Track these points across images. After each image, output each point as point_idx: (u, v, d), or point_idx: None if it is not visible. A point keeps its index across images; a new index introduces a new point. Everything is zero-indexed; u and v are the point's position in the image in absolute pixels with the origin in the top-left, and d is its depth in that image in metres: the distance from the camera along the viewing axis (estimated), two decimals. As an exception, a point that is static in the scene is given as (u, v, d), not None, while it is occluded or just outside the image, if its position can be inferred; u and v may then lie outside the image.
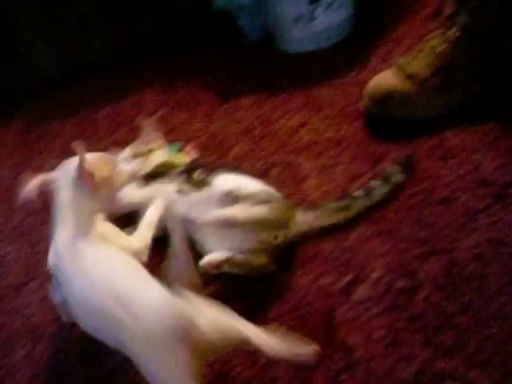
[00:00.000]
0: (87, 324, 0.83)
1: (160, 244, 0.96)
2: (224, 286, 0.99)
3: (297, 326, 0.88)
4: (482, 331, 0.79)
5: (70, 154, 1.54)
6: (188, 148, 1.21)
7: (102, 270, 0.80)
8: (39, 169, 1.55)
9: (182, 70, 1.75)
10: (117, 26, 1.90)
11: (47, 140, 1.70)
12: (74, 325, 1.02)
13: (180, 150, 1.20)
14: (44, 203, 1.39)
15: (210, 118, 1.45)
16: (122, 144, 1.49)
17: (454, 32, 1.13)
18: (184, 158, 1.16)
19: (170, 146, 1.19)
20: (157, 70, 1.80)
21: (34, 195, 0.95)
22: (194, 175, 1.06)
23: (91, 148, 1.53)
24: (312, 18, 1.52)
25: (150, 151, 1.10)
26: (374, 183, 1.03)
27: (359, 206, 1.01)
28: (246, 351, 0.86)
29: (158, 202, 0.99)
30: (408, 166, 1.06)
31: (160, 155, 1.12)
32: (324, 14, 1.52)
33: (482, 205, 0.96)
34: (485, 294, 0.83)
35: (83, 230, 0.87)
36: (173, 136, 1.44)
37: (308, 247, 1.00)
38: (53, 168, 1.52)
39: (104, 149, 1.50)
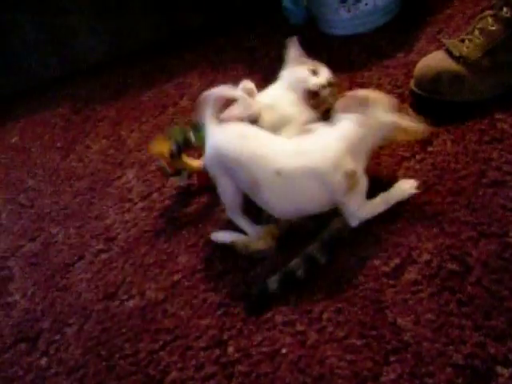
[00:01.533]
0: None
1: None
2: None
3: (344, 307, 0.88)
4: (534, 316, 0.78)
5: (114, 136, 1.59)
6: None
7: None
8: (85, 151, 1.60)
9: (226, 53, 1.75)
10: (161, 9, 1.91)
11: (92, 123, 1.73)
12: (121, 303, 1.06)
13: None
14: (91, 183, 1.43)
15: (255, 101, 1.45)
16: (165, 128, 1.51)
17: (505, 12, 1.10)
18: None
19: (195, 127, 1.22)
20: (201, 53, 1.81)
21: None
22: None
23: (136, 132, 1.57)
24: (358, 0, 1.50)
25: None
26: (295, 263, 0.95)
27: None
28: (295, 331, 0.87)
29: None
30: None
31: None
32: (370, -5, 1.50)
33: (534, 188, 0.94)
34: (537, 279, 0.81)
35: None
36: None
37: (355, 230, 0.99)
38: (100, 150, 1.56)
39: (149, 132, 1.54)
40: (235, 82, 1.57)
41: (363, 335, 0.84)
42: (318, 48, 1.57)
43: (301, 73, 1.13)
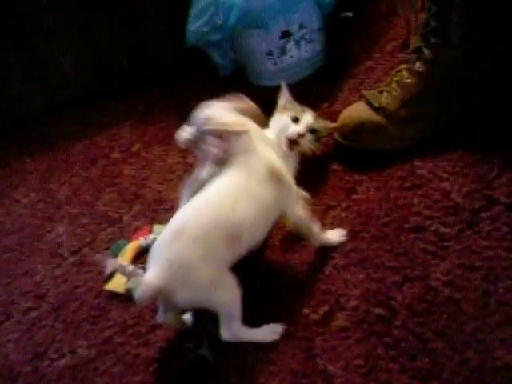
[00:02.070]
0: None
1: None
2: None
3: (276, 357, 0.89)
4: (457, 356, 0.80)
5: (44, 189, 1.57)
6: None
7: None
8: (13, 205, 1.56)
9: (157, 105, 1.77)
10: (91, 62, 1.92)
11: (21, 176, 1.71)
12: (51, 362, 1.03)
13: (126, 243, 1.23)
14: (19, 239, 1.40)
15: (185, 152, 1.47)
16: (97, 180, 1.51)
17: (418, 66, 1.17)
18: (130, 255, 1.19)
19: (116, 244, 1.23)
20: (131, 105, 1.82)
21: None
22: None
23: (66, 184, 1.55)
24: (283, 53, 1.56)
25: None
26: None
27: None
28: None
29: None
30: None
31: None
32: (295, 48, 1.56)
33: (453, 231, 0.98)
34: (459, 319, 0.85)
35: None
36: (149, 170, 1.46)
37: (284, 279, 1.01)
38: (29, 204, 1.53)
39: (80, 184, 1.52)
40: (167, 132, 1.60)
41: (295, 384, 0.85)
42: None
43: (283, 121, 1.14)
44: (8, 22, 1.85)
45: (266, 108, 1.51)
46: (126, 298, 1.10)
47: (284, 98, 1.21)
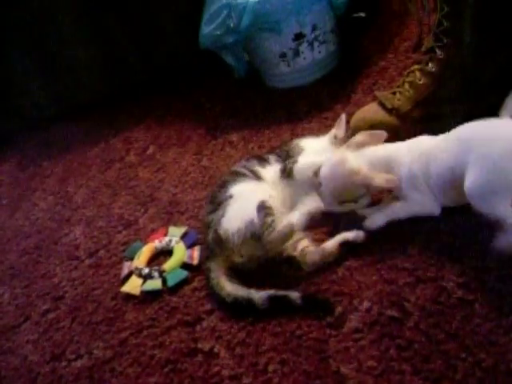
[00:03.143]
0: None
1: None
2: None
3: (289, 358, 0.89)
4: (470, 358, 0.80)
5: (61, 192, 1.59)
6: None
7: None
8: (32, 208, 1.59)
9: (172, 108, 1.79)
10: (107, 65, 1.94)
11: (39, 180, 1.73)
12: (69, 363, 1.05)
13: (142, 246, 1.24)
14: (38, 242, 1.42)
15: (200, 155, 1.48)
16: (113, 183, 1.53)
17: (430, 67, 1.17)
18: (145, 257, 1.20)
19: (132, 247, 1.25)
20: (147, 108, 1.84)
21: None
22: None
23: (83, 187, 1.57)
24: (297, 54, 1.57)
25: None
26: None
27: None
28: None
29: None
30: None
31: None
32: (308, 50, 1.57)
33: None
34: (472, 321, 0.84)
35: None
36: (164, 173, 1.47)
37: (298, 280, 1.02)
38: (47, 207, 1.55)
39: (96, 187, 1.54)
40: (182, 135, 1.62)
41: (308, 385, 0.85)
42: (262, 100, 1.62)
43: None
44: (25, 30, 1.88)
45: (279, 111, 1.53)
46: (142, 299, 1.11)
47: (340, 130, 1.18)
